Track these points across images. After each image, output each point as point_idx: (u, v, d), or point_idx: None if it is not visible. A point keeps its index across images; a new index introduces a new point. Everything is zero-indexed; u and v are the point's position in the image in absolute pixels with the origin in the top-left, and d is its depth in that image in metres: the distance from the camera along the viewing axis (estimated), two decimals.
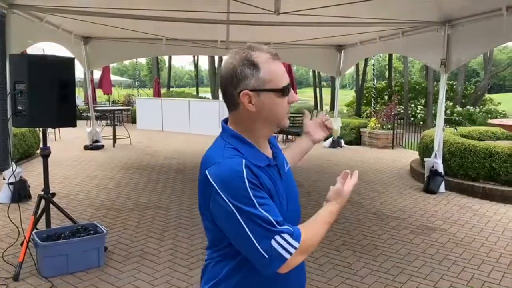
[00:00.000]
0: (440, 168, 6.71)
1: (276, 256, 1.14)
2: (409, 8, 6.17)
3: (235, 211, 1.15)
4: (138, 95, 22.37)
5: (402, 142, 11.66)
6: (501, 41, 6.28)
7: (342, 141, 11.58)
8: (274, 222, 1.14)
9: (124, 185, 6.91)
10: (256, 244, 1.14)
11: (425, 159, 7.03)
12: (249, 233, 1.14)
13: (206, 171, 1.20)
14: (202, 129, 13.34)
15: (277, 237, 1.14)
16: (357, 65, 23.42)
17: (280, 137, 12.64)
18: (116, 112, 12.64)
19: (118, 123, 13.23)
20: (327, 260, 4.14)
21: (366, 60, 22.44)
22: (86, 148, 10.24)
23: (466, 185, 6.63)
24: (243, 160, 1.19)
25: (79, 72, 11.37)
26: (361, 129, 12.03)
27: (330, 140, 11.45)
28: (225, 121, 1.35)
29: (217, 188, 1.16)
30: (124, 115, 15.80)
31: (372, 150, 11.06)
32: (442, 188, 6.70)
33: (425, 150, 7.66)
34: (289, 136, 12.59)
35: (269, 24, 5.63)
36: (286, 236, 1.15)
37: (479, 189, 6.46)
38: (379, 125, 11.63)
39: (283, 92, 1.27)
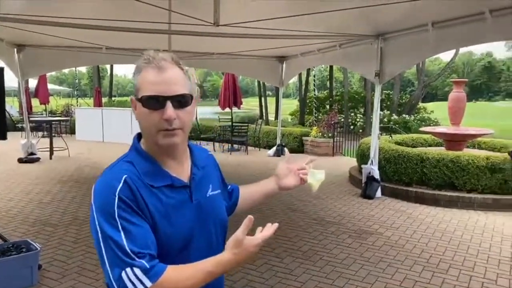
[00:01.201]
0: (376, 174, 7.03)
1: None
2: (345, 22, 6.46)
3: (98, 228, 1.08)
4: (77, 105, 21.55)
5: (342, 150, 12.09)
6: (428, 54, 6.74)
7: (286, 150, 11.82)
8: (129, 252, 1.05)
9: (61, 199, 6.63)
10: (109, 270, 1.07)
11: (362, 166, 7.35)
12: (105, 256, 1.07)
13: None
14: None
15: (128, 270, 1.05)
16: (300, 75, 24.00)
17: (226, 146, 12.71)
18: (53, 122, 12.11)
19: (55, 134, 12.67)
20: (269, 268, 4.21)
21: (308, 71, 23.08)
22: (21, 161, 9.72)
23: (401, 190, 6.99)
24: (125, 176, 1.12)
25: (13, 81, 10.81)
26: (304, 138, 12.35)
27: (274, 148, 11.66)
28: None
29: (92, 199, 1.13)
30: (63, 126, 15.16)
31: (314, 157, 11.34)
32: (378, 193, 7.02)
33: (363, 157, 8.00)
34: (234, 145, 12.68)
35: (209, 35, 5.69)
36: (138, 271, 1.05)
37: (412, 193, 6.83)
38: (320, 134, 11.99)
39: (142, 103, 1.15)
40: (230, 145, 12.59)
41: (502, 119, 32.40)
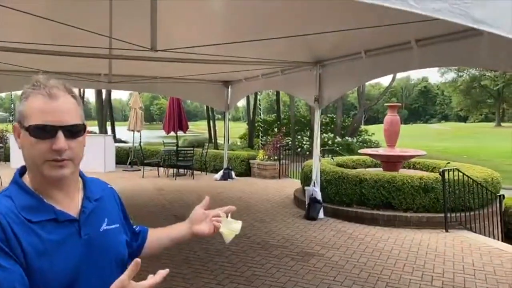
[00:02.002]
0: (319, 196, 7.20)
1: None
2: (286, 49, 6.67)
3: None
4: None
5: (288, 172, 12.28)
6: (363, 79, 7.13)
7: (233, 173, 11.83)
8: None
9: None
10: None
11: (305, 188, 7.51)
12: None
13: None
14: (86, 165, 12.43)
15: None
16: (248, 98, 24.35)
17: (171, 171, 12.52)
18: None
19: None
20: None
21: (256, 94, 23.48)
22: None
23: (342, 210, 7.19)
24: None
25: None
26: (251, 161, 12.43)
27: (221, 172, 11.64)
28: None
29: None
30: None
31: (261, 180, 11.47)
32: (321, 214, 7.17)
33: (306, 179, 8.18)
34: (180, 170, 12.52)
35: (149, 59, 5.67)
36: None
37: (352, 213, 7.05)
38: (267, 157, 12.13)
39: (29, 131, 1.09)
40: (175, 170, 12.42)
41: (438, 140, 34.37)
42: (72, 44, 5.61)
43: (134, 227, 1.48)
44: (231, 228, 1.44)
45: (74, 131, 1.12)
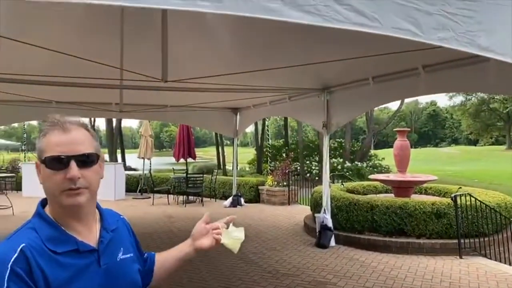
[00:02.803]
0: (329, 223, 7.13)
1: None
2: (293, 77, 6.74)
3: None
4: (25, 160, 20.72)
5: (298, 198, 12.20)
6: (371, 105, 7.17)
7: (242, 200, 11.79)
8: None
9: None
10: None
11: (316, 215, 7.44)
12: None
13: None
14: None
15: None
16: (256, 124, 24.48)
17: (181, 198, 12.52)
18: None
19: None
20: None
21: (264, 120, 23.61)
22: None
23: (353, 238, 7.10)
24: (22, 245, 1.10)
25: None
26: (260, 187, 12.39)
27: (230, 199, 11.60)
28: None
29: None
30: (8, 182, 14.45)
31: (270, 207, 11.40)
32: (332, 242, 7.08)
33: (316, 205, 8.12)
34: (190, 197, 12.50)
35: (160, 89, 5.76)
36: None
37: (364, 240, 6.95)
38: (275, 183, 12.09)
39: (45, 164, 1.16)
40: (185, 197, 12.42)
41: (448, 164, 34.05)
42: (84, 75, 5.74)
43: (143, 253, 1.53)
44: (233, 237, 1.44)
45: (87, 161, 1.17)
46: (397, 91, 5.99)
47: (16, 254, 1.08)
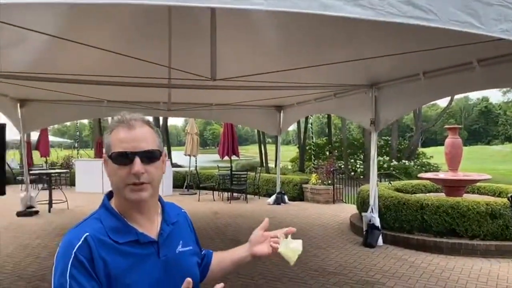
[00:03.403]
0: (377, 222, 6.98)
1: None
2: (340, 73, 6.66)
3: (52, 283, 1.13)
4: (78, 157, 21.68)
5: (343, 197, 12.04)
6: (422, 101, 6.93)
7: (286, 197, 11.78)
8: None
9: None
10: None
11: (363, 214, 7.31)
12: None
13: None
14: None
15: None
16: (299, 122, 24.34)
17: (225, 194, 12.68)
18: (53, 175, 12.14)
19: (55, 187, 12.67)
20: None
21: (307, 118, 23.46)
22: (19, 214, 9.66)
23: (402, 238, 6.91)
24: (86, 234, 1.16)
25: (15, 134, 10.98)
26: (303, 185, 12.32)
27: (274, 196, 11.62)
28: None
29: (55, 255, 1.18)
30: (62, 178, 15.18)
31: (315, 205, 11.32)
32: (380, 241, 6.93)
33: (362, 204, 7.97)
34: (234, 194, 12.64)
35: (208, 88, 5.86)
36: None
37: (413, 241, 6.75)
38: (320, 181, 11.98)
39: (112, 159, 1.21)
40: (229, 193, 12.56)
41: (501, 163, 32.46)
42: (134, 75, 5.92)
43: (201, 249, 1.56)
44: (290, 247, 1.42)
45: (150, 157, 1.22)
46: (449, 86, 5.77)
47: (80, 242, 1.14)
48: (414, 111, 23.41)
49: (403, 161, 19.95)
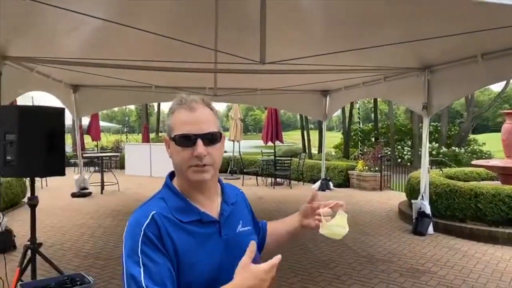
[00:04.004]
0: (428, 210, 6.77)
1: None
2: (390, 55, 6.43)
3: (123, 261, 1.14)
4: (126, 141, 22.40)
5: (390, 184, 11.76)
6: (478, 85, 6.57)
7: (331, 184, 11.66)
8: (143, 286, 1.08)
9: (111, 233, 6.81)
10: None
11: (412, 201, 7.11)
12: None
13: None
14: None
15: None
16: (343, 108, 23.89)
17: (269, 180, 12.72)
18: (104, 158, 12.63)
19: (106, 169, 13.18)
20: None
21: (352, 103, 22.98)
22: (74, 195, 10.14)
23: (454, 226, 6.68)
24: (153, 212, 1.18)
25: (68, 119, 11.47)
26: (349, 171, 12.14)
27: (318, 182, 11.53)
28: None
29: (124, 234, 1.19)
30: (113, 161, 15.77)
31: (361, 192, 11.13)
32: (430, 229, 6.73)
33: (412, 191, 7.75)
34: (278, 179, 12.65)
35: (255, 72, 5.82)
36: None
37: (466, 230, 6.50)
38: (366, 167, 11.75)
39: (175, 141, 1.22)
40: (273, 179, 12.58)
41: None
42: (182, 60, 5.99)
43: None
44: (333, 231, 1.38)
45: (212, 139, 1.23)
46: (509, 69, 5.43)
47: (148, 220, 1.17)
48: (466, 96, 22.36)
49: (453, 148, 19.18)
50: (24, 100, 11.46)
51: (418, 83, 6.80)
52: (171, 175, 1.33)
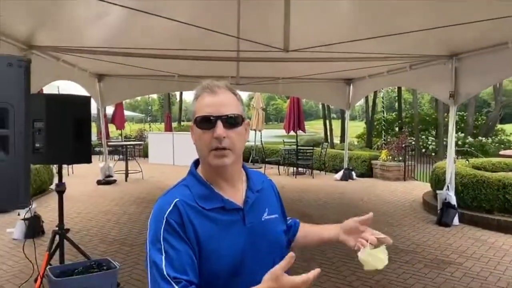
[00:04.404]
0: (453, 201, 6.64)
1: None
2: (416, 43, 6.28)
3: (147, 247, 1.17)
4: (150, 130, 22.67)
5: (414, 174, 11.59)
6: (508, 73, 6.35)
7: (354, 174, 11.55)
8: (166, 275, 1.09)
9: (136, 220, 6.94)
10: None
11: (438, 192, 6.98)
12: (149, 275, 1.14)
13: None
14: None
15: None
16: (367, 97, 23.57)
17: (291, 169, 12.69)
18: (128, 146, 12.82)
19: (130, 158, 13.39)
20: None
21: (375, 92, 22.62)
22: (99, 183, 10.35)
23: (481, 218, 6.54)
24: (176, 200, 1.19)
25: (93, 108, 11.67)
26: (372, 161, 12.00)
27: (341, 172, 11.44)
28: None
29: (148, 221, 1.21)
30: (136, 150, 16.00)
31: (384, 182, 11.00)
32: (455, 220, 6.61)
33: (437, 182, 7.61)
34: (299, 169, 12.61)
35: (278, 60, 5.78)
36: None
37: (493, 221, 6.36)
38: (390, 157, 11.60)
39: (196, 124, 1.23)
40: (295, 168, 12.55)
41: None
42: (204, 48, 5.99)
43: (288, 218, 1.54)
44: (372, 260, 1.27)
45: (232, 122, 1.22)
46: None
47: (170, 208, 1.18)
48: (494, 85, 21.74)
49: (480, 138, 18.72)
50: (50, 89, 11.66)
51: (445, 71, 6.63)
52: (196, 163, 1.34)
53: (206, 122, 1.21)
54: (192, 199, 1.22)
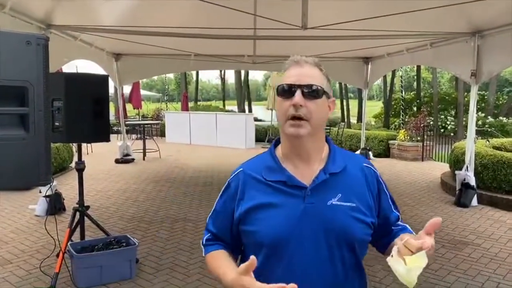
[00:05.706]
0: (472, 181, 6.55)
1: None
2: (437, 19, 6.11)
3: None
4: (166, 109, 22.79)
5: (432, 154, 11.44)
6: None
7: (371, 153, 11.46)
8: (207, 222, 1.44)
9: (154, 198, 7.04)
10: None
11: (456, 172, 6.89)
12: None
13: None
14: (229, 142, 13.50)
15: (205, 232, 1.44)
16: (384, 76, 23.19)
17: None
18: (146, 126, 12.92)
19: (147, 137, 13.50)
20: None
21: (393, 71, 22.21)
22: (117, 161, 10.49)
23: (500, 199, 6.45)
24: (241, 169, 1.36)
25: (110, 87, 11.74)
26: (390, 141, 11.88)
27: (358, 152, 11.36)
28: None
29: None
30: (154, 129, 16.11)
31: (402, 162, 10.90)
32: (474, 201, 6.53)
33: (456, 162, 7.51)
34: None
35: (296, 38, 5.69)
36: (204, 239, 1.43)
37: None
38: (408, 137, 11.45)
39: (277, 92, 1.27)
40: None
41: None
42: (220, 26, 5.93)
43: (398, 221, 1.39)
44: (404, 272, 1.07)
45: (312, 92, 1.23)
46: None
47: (233, 175, 1.37)
48: None
49: (501, 118, 18.32)
50: (69, 68, 11.74)
51: (467, 49, 6.44)
52: (277, 142, 1.39)
53: (285, 91, 1.24)
54: (259, 171, 1.31)
